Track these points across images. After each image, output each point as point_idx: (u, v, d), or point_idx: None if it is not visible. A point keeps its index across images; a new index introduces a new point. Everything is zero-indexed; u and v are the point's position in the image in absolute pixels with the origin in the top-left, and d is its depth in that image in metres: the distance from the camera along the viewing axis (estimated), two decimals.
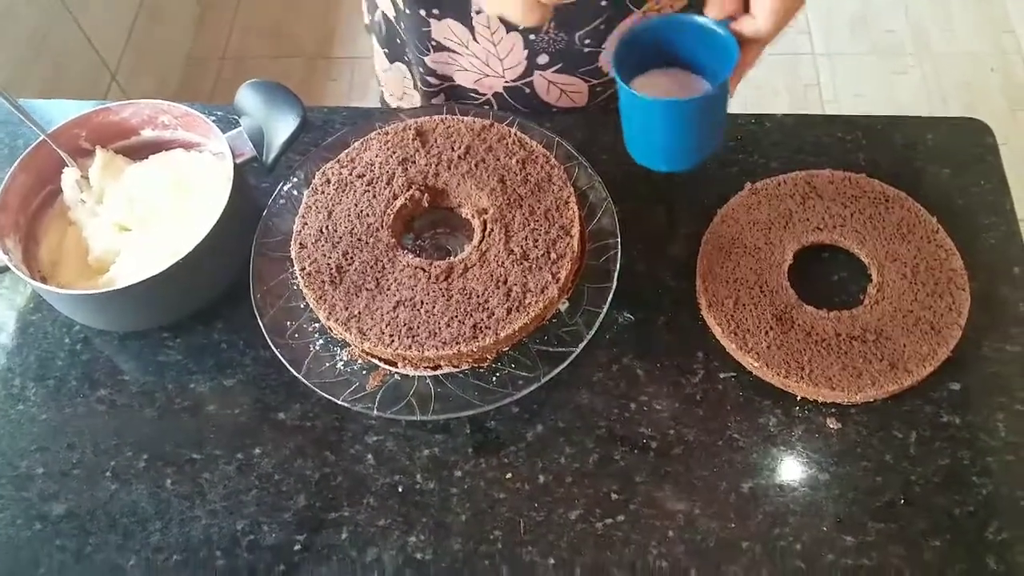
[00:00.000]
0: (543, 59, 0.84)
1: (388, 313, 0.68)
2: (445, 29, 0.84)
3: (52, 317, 0.81)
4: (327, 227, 0.73)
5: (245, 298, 0.74)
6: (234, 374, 0.77)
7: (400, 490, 0.70)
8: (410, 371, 0.70)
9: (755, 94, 2.07)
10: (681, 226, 0.81)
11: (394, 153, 0.76)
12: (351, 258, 0.71)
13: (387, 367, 0.70)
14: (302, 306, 0.73)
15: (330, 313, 0.69)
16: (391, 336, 0.67)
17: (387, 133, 0.78)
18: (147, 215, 0.80)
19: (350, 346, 0.71)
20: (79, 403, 0.77)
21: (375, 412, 0.68)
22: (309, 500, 0.71)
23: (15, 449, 0.75)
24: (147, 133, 0.84)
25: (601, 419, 0.72)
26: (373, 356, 0.70)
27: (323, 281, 0.70)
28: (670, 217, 0.82)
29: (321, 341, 0.72)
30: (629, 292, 0.75)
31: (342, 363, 0.71)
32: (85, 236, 0.79)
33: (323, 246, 0.72)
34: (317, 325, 0.72)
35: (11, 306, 0.83)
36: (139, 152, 0.83)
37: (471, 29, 0.83)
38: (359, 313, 0.68)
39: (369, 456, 0.72)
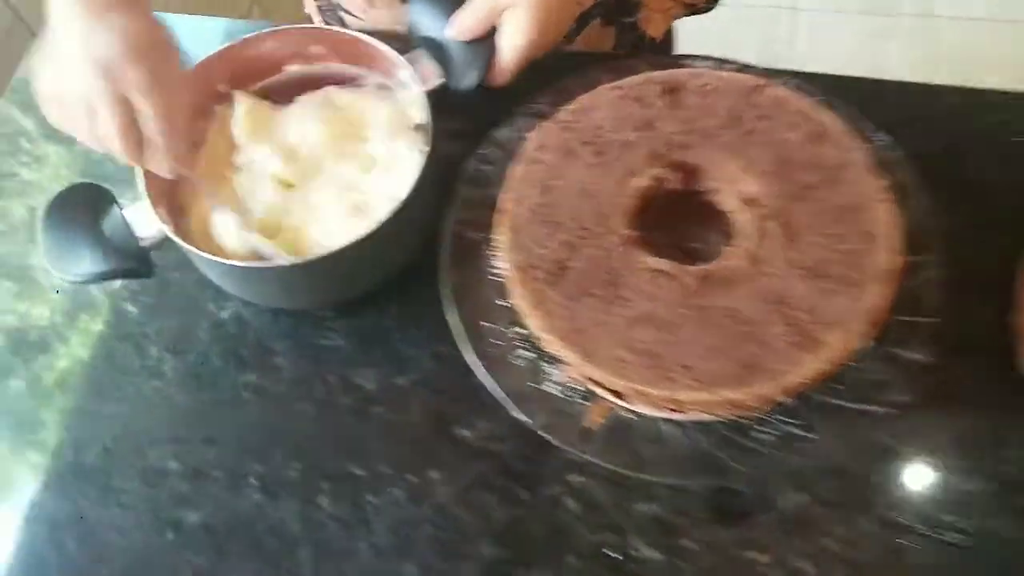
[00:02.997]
0: None
1: (624, 331, 0.52)
2: None
3: (195, 277, 0.68)
4: (544, 208, 0.56)
5: (425, 281, 0.59)
6: (407, 372, 0.63)
7: (610, 554, 0.55)
8: (643, 409, 0.53)
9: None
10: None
11: (632, 115, 0.58)
12: (576, 252, 0.54)
13: (612, 399, 0.53)
14: (503, 304, 0.57)
15: (546, 322, 0.52)
16: (627, 363, 0.51)
17: (621, 87, 0.59)
18: (310, 168, 0.65)
19: (563, 363, 0.54)
20: (223, 387, 0.64)
21: (592, 458, 0.52)
22: (495, 548, 0.56)
23: (147, 435, 0.63)
24: (292, 68, 0.69)
25: (886, 495, 0.54)
26: (596, 383, 0.53)
27: (538, 279, 0.54)
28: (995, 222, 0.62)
29: (525, 352, 0.56)
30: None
31: (551, 384, 0.55)
32: (241, 197, 0.64)
33: (539, 232, 0.55)
34: (522, 331, 0.56)
35: None
36: (280, 93, 0.68)
37: None
38: (585, 327, 0.52)
39: (571, 501, 0.57)
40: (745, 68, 0.60)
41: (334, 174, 0.65)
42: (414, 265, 0.63)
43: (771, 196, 0.54)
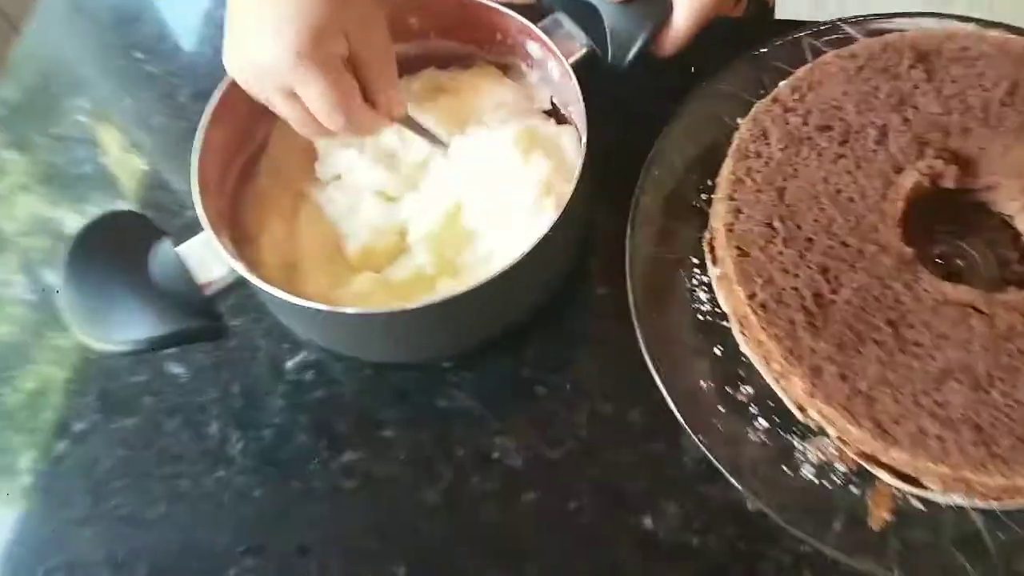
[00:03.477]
0: None
1: (924, 392, 0.37)
2: None
3: (264, 325, 0.51)
4: (783, 218, 0.41)
5: (574, 312, 0.44)
6: (562, 440, 0.47)
7: None
8: (945, 497, 0.38)
9: None
10: None
11: (879, 90, 0.43)
12: (838, 279, 0.39)
13: (900, 484, 0.38)
14: (718, 351, 0.41)
15: (810, 381, 0.37)
16: (936, 439, 0.36)
17: (854, 55, 0.44)
18: (414, 174, 0.49)
19: (820, 435, 0.39)
20: (314, 474, 0.47)
21: (877, 572, 0.37)
22: None
23: (212, 547, 0.46)
24: None
25: None
26: (875, 462, 0.38)
27: (791, 320, 0.38)
28: None
29: (761, 419, 0.41)
30: None
31: (808, 465, 0.40)
32: (329, 216, 0.48)
33: (780, 253, 0.40)
34: (749, 391, 0.41)
35: None
36: None
37: None
38: (867, 388, 0.37)
39: None
40: (1013, 29, 0.45)
41: (444, 181, 0.49)
42: (557, 292, 0.48)
43: None
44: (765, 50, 0.48)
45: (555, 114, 0.51)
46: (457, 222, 0.47)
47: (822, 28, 0.48)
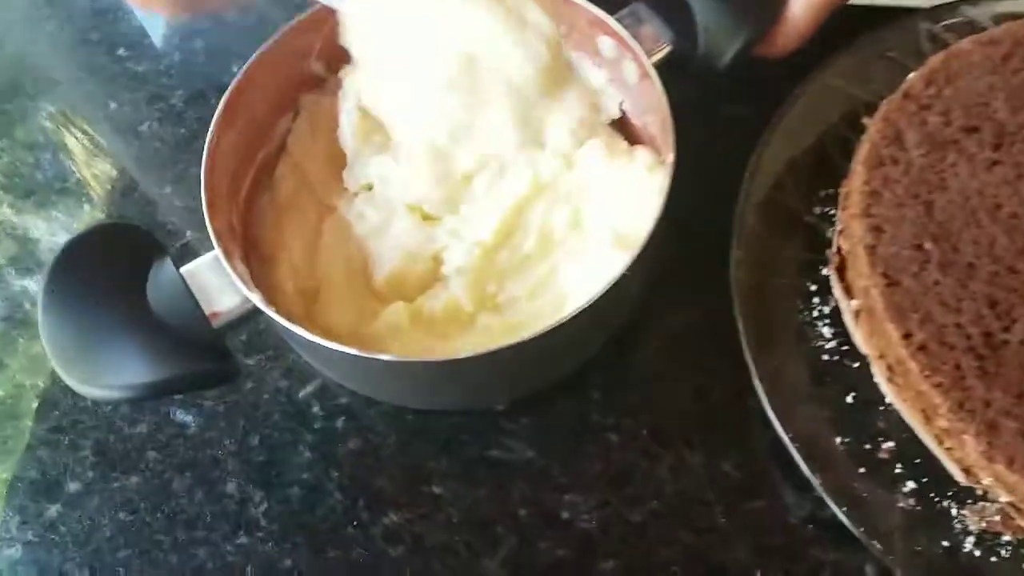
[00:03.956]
0: None
1: None
2: None
3: (284, 364, 0.44)
4: (936, 239, 0.33)
5: (646, 343, 0.37)
6: (642, 498, 0.40)
7: None
8: None
9: None
10: None
11: None
12: (1008, 315, 0.32)
13: None
14: (852, 400, 0.34)
15: (988, 441, 0.30)
16: None
17: (995, 41, 0.37)
18: (456, 191, 0.42)
19: (984, 501, 0.32)
20: (352, 538, 0.40)
21: None
22: None
23: None
24: None
25: None
26: None
27: (958, 365, 0.31)
28: None
29: (910, 481, 0.34)
30: None
31: (970, 539, 0.33)
32: (357, 234, 0.41)
33: (936, 283, 0.33)
34: (890, 446, 0.34)
35: None
36: None
37: None
38: None
39: None
40: None
41: (494, 198, 0.41)
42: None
43: None
44: (872, 39, 0.40)
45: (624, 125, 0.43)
46: (501, 253, 0.40)
47: (941, 9, 0.40)
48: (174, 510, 0.41)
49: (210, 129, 0.38)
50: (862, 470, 0.33)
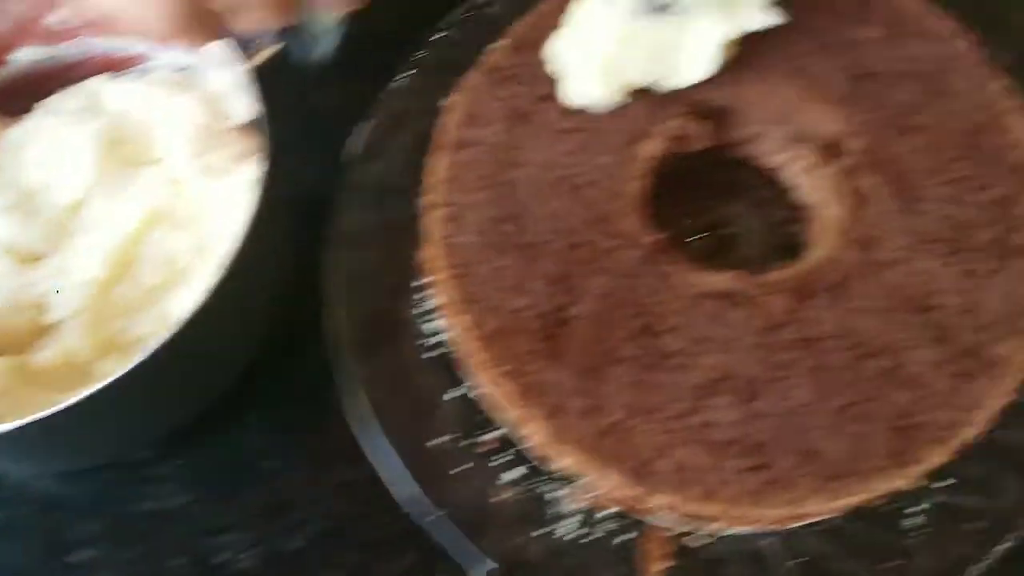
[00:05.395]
0: None
1: (687, 412, 0.30)
2: None
3: None
4: (505, 222, 0.32)
5: (296, 362, 0.35)
6: (304, 526, 0.38)
7: None
8: (731, 528, 0.32)
9: None
10: None
11: None
12: (577, 289, 0.31)
13: (676, 524, 0.31)
14: (455, 395, 0.33)
15: (551, 424, 0.30)
16: (706, 471, 0.29)
17: None
18: (66, 222, 0.38)
19: (577, 481, 0.32)
20: None
21: None
22: None
23: None
24: (22, 55, 0.41)
25: None
26: (640, 510, 0.31)
27: (527, 350, 0.30)
28: None
29: (513, 468, 0.33)
30: None
31: (569, 521, 0.32)
32: None
33: (507, 268, 0.32)
34: (495, 433, 0.33)
35: None
36: (11, 95, 0.41)
37: None
38: (621, 419, 0.30)
39: None
40: None
41: (100, 226, 0.38)
42: (271, 338, 0.38)
43: (858, 133, 0.33)
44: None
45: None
46: (120, 287, 0.36)
47: None
48: None
49: None
50: (470, 464, 0.32)
